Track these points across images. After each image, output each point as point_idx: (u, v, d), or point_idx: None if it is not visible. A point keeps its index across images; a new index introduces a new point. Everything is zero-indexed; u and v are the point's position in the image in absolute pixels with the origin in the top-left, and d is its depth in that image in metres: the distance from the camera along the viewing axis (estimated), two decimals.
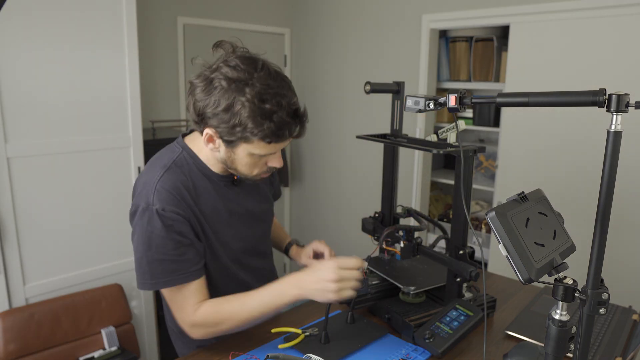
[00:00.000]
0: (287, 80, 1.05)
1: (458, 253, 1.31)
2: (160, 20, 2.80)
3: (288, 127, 1.01)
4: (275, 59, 3.53)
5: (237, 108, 0.97)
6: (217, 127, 1.01)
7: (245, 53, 1.04)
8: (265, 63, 1.02)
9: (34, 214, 1.91)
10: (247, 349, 1.20)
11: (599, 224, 0.75)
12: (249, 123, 0.97)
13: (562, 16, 2.29)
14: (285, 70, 3.60)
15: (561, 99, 0.78)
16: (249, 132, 0.99)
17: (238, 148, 1.05)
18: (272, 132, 0.99)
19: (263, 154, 1.06)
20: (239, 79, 0.97)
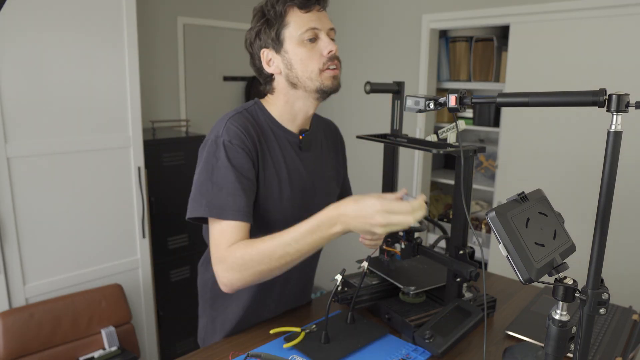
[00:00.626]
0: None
1: (458, 253, 1.31)
2: (160, 20, 2.80)
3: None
4: None
5: (263, 3, 1.12)
6: (261, 38, 1.13)
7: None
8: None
9: (34, 214, 1.91)
10: (247, 349, 1.20)
11: (599, 224, 0.75)
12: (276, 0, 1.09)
13: (562, 16, 2.29)
14: None
15: (561, 99, 0.78)
16: (277, 6, 1.09)
17: (285, 42, 1.12)
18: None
19: (307, 34, 1.10)
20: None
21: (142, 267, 2.29)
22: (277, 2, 1.10)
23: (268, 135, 1.17)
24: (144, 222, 2.25)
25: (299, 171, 1.22)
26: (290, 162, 1.20)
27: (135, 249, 2.26)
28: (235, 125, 1.11)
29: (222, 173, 1.07)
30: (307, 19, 1.10)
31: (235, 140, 1.09)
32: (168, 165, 2.48)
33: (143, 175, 2.22)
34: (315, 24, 1.11)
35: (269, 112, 1.20)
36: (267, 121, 1.19)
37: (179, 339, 2.66)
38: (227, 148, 1.08)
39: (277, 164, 1.17)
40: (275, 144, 1.18)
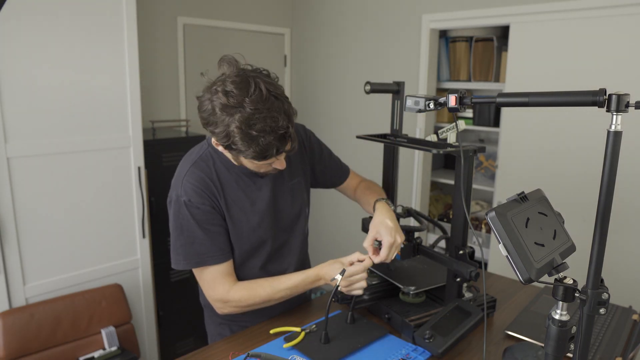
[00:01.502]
0: (281, 97, 1.10)
1: (458, 253, 1.31)
2: (160, 20, 2.80)
3: (275, 148, 1.09)
4: (275, 59, 3.53)
5: (229, 130, 1.06)
6: (220, 140, 1.11)
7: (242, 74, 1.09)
8: (258, 85, 1.07)
9: (34, 214, 1.91)
10: (247, 349, 1.20)
11: (599, 224, 0.75)
12: (240, 144, 1.08)
13: (562, 16, 2.29)
14: (285, 70, 3.60)
15: (561, 99, 0.78)
16: (241, 152, 1.10)
17: (239, 156, 1.16)
18: (258, 154, 1.09)
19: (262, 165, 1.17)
20: (232, 105, 1.05)
21: (142, 267, 2.29)
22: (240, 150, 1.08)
23: (223, 174, 1.25)
24: (144, 222, 2.25)
25: (260, 196, 1.30)
26: (250, 192, 1.28)
27: (135, 249, 2.26)
28: (191, 183, 1.21)
29: (190, 228, 1.21)
30: (265, 164, 1.17)
31: (194, 198, 1.20)
32: (168, 165, 2.48)
33: (143, 175, 2.22)
34: (272, 162, 1.16)
35: (222, 153, 1.25)
36: (221, 161, 1.26)
37: (179, 339, 2.67)
38: (188, 207, 1.20)
39: (238, 199, 1.26)
40: (232, 180, 1.26)
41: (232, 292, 1.24)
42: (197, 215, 1.20)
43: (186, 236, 1.21)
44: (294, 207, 1.37)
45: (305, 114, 3.61)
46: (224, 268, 1.25)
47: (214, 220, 1.23)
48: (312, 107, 3.55)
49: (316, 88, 3.49)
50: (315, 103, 3.52)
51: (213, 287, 1.25)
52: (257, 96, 1.05)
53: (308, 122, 3.60)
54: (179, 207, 1.21)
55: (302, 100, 3.62)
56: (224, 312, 1.27)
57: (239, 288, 1.25)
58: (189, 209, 1.20)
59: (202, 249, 1.21)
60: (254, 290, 1.24)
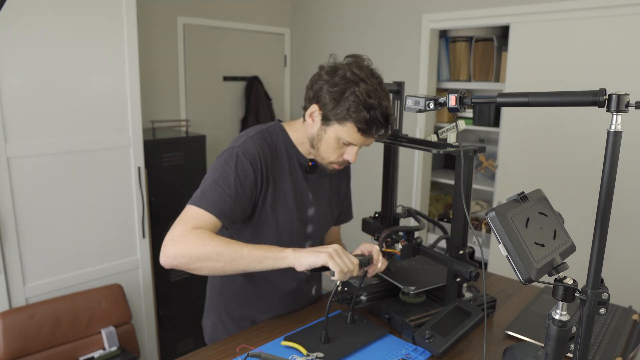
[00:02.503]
0: (389, 94, 1.24)
1: (458, 253, 1.31)
2: (160, 20, 2.80)
3: (377, 125, 1.18)
4: (275, 59, 3.53)
5: (348, 94, 1.16)
6: (324, 105, 1.19)
7: (370, 64, 1.25)
8: (380, 76, 1.24)
9: (34, 214, 1.91)
10: (247, 349, 1.20)
11: (599, 224, 0.75)
12: (352, 107, 1.15)
13: (562, 16, 2.29)
14: (285, 70, 3.60)
15: (561, 99, 0.78)
16: (348, 114, 1.16)
17: (331, 128, 1.20)
18: (365, 121, 1.16)
19: (347, 142, 1.21)
20: (359, 75, 1.18)
21: (142, 267, 2.29)
22: (349, 110, 1.15)
23: (282, 154, 1.28)
24: (144, 222, 2.25)
25: (302, 188, 1.32)
26: (296, 179, 1.31)
27: (135, 249, 2.26)
28: (252, 143, 1.22)
29: (226, 175, 1.18)
30: (357, 138, 1.20)
31: (248, 155, 1.20)
32: (168, 165, 2.48)
33: (143, 175, 2.22)
34: (359, 142, 1.22)
35: (288, 135, 1.31)
36: (284, 142, 1.30)
37: (179, 339, 2.66)
38: (238, 158, 1.20)
39: (284, 181, 1.28)
40: (286, 162, 1.29)
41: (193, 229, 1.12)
42: (242, 169, 1.19)
43: (216, 179, 1.18)
44: (324, 216, 1.40)
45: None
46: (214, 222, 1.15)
47: (248, 186, 1.20)
48: None
49: None
50: None
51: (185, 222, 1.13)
52: (377, 81, 1.21)
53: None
54: (229, 155, 1.20)
55: (302, 100, 3.61)
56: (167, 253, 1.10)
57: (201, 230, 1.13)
58: (238, 160, 1.19)
59: (220, 199, 1.15)
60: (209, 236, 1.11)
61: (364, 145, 1.24)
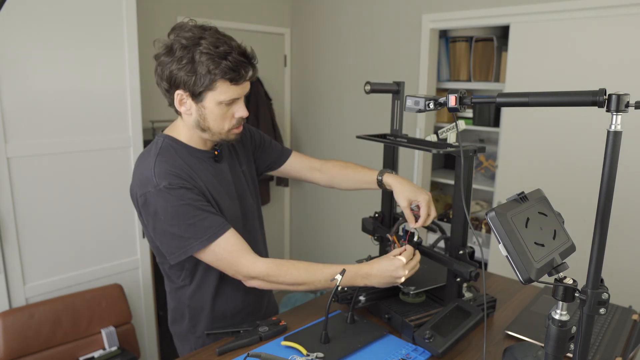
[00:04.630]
0: (231, 37, 1.18)
1: (458, 253, 1.31)
2: (160, 20, 2.80)
3: (243, 66, 1.14)
4: (275, 59, 3.53)
5: (197, 57, 1.10)
6: (185, 83, 1.13)
7: (195, 23, 1.17)
8: (213, 27, 1.16)
9: (34, 214, 1.91)
10: (247, 349, 1.20)
11: (599, 224, 0.75)
12: (210, 65, 1.10)
13: (562, 16, 2.29)
14: (285, 70, 3.60)
15: (561, 99, 0.78)
16: (212, 73, 1.11)
17: (206, 100, 1.15)
18: (231, 69, 1.12)
19: (228, 100, 1.16)
20: (194, 37, 1.12)
21: (142, 267, 2.29)
22: (210, 70, 1.11)
23: (191, 162, 1.23)
24: None
25: (226, 180, 1.30)
26: (215, 173, 1.27)
27: (135, 249, 2.26)
28: (164, 169, 1.16)
29: (183, 210, 1.13)
30: (234, 90, 1.16)
31: (173, 180, 1.14)
32: None
33: None
34: (238, 94, 1.18)
35: (180, 141, 1.25)
36: (184, 150, 1.24)
37: None
38: (170, 191, 1.13)
39: (208, 182, 1.23)
40: (199, 167, 1.24)
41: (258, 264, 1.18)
42: (184, 195, 1.13)
43: (183, 220, 1.12)
44: (250, 190, 1.39)
45: (305, 114, 3.62)
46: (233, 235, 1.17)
47: (201, 199, 1.16)
48: (312, 107, 3.55)
49: (316, 88, 3.49)
50: (315, 103, 3.52)
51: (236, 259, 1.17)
52: (213, 31, 1.15)
53: (308, 122, 3.60)
54: (162, 195, 1.12)
55: (302, 100, 3.62)
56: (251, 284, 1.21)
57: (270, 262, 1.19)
58: (173, 192, 1.12)
59: (206, 223, 1.14)
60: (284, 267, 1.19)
61: (244, 95, 1.21)
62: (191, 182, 1.17)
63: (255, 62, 1.19)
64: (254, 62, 1.19)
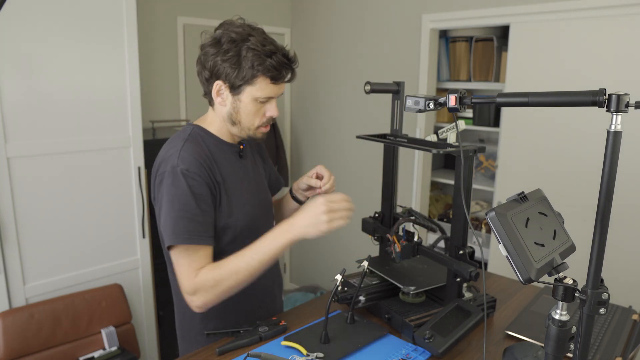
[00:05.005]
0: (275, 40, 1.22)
1: (458, 253, 1.31)
2: (160, 20, 2.80)
3: (284, 67, 1.18)
4: None
5: (243, 52, 1.15)
6: (227, 75, 1.16)
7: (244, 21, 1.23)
8: (260, 28, 1.21)
9: (34, 214, 1.91)
10: (247, 349, 1.20)
11: (599, 224, 0.75)
12: (255, 61, 1.14)
13: (562, 16, 2.29)
14: None
15: (561, 99, 0.78)
16: (255, 69, 1.15)
17: (243, 93, 1.18)
18: (274, 67, 1.15)
19: (264, 98, 1.19)
20: (243, 33, 1.16)
21: (142, 267, 2.29)
22: (254, 65, 1.14)
23: (216, 153, 1.25)
24: (144, 222, 2.25)
25: (248, 176, 1.33)
26: (239, 170, 1.30)
27: (135, 249, 2.26)
28: (189, 154, 1.17)
29: (184, 200, 1.14)
30: (272, 89, 1.19)
31: (193, 167, 1.16)
32: None
33: (143, 175, 2.22)
34: (275, 93, 1.21)
35: (209, 132, 1.27)
36: (212, 140, 1.27)
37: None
38: (185, 177, 1.14)
39: (231, 176, 1.26)
40: (223, 159, 1.26)
41: (199, 274, 1.13)
42: (195, 186, 1.14)
43: (178, 209, 1.13)
44: (268, 192, 1.43)
45: (305, 114, 3.62)
46: (205, 253, 1.16)
47: (207, 199, 1.17)
48: (312, 107, 3.55)
49: (316, 88, 3.49)
50: (315, 103, 3.52)
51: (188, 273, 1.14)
52: (261, 31, 1.20)
53: (308, 122, 3.60)
54: (175, 177, 1.14)
55: (302, 100, 3.62)
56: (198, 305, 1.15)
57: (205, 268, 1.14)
58: (186, 178, 1.14)
59: (192, 225, 1.13)
60: (217, 265, 1.14)
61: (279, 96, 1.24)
62: (209, 176, 1.19)
63: (296, 67, 1.22)
64: (295, 66, 1.22)
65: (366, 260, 1.31)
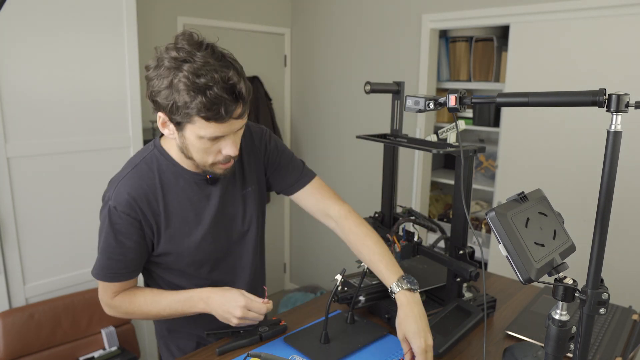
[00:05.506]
0: (236, 63, 1.02)
1: (458, 253, 1.31)
2: (160, 20, 2.80)
3: (224, 104, 0.97)
4: (275, 59, 3.53)
5: (175, 83, 0.96)
6: (165, 107, 1.00)
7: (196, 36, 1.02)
8: (212, 45, 1.01)
9: (34, 214, 1.91)
10: (247, 349, 1.20)
11: (599, 224, 0.75)
12: (185, 97, 0.96)
13: (562, 16, 2.29)
14: (285, 70, 3.60)
15: (561, 99, 0.78)
16: (186, 107, 0.97)
17: (186, 130, 1.03)
18: (206, 107, 0.96)
19: (210, 137, 1.02)
20: (180, 58, 0.97)
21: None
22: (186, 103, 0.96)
23: (168, 182, 1.15)
24: None
25: (207, 206, 1.19)
26: (196, 201, 1.18)
27: None
28: (126, 189, 1.11)
29: (105, 238, 1.13)
30: (215, 128, 1.00)
31: (122, 206, 1.10)
32: None
33: None
34: (223, 132, 1.02)
35: (169, 156, 1.15)
36: (168, 166, 1.15)
37: None
38: (111, 215, 1.11)
39: (181, 209, 1.16)
40: (177, 189, 1.15)
41: (115, 299, 1.19)
42: (118, 225, 1.10)
43: (101, 245, 1.14)
44: (245, 217, 1.26)
45: (305, 114, 3.62)
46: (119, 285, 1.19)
47: (133, 236, 1.12)
48: (312, 107, 3.55)
49: (316, 88, 3.49)
50: (315, 103, 3.52)
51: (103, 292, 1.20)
52: (208, 52, 0.98)
53: (308, 123, 3.60)
54: (104, 209, 1.13)
55: (302, 100, 3.62)
56: (110, 315, 1.24)
57: (121, 296, 1.19)
58: (112, 217, 1.10)
59: (108, 263, 1.14)
60: (134, 297, 1.19)
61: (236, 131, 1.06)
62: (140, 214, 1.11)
63: (247, 98, 1.01)
64: (244, 99, 1.00)
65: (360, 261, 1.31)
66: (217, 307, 1.13)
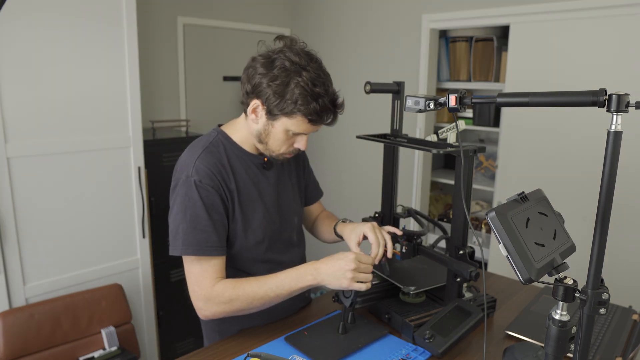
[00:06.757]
0: (329, 75, 1.20)
1: (458, 253, 1.31)
2: (160, 20, 2.80)
3: (327, 113, 1.16)
4: None
5: (291, 86, 1.12)
6: (267, 99, 1.14)
7: (304, 47, 1.19)
8: (318, 58, 1.19)
9: (34, 214, 1.91)
10: (247, 349, 1.20)
11: (599, 224, 0.75)
12: (300, 100, 1.11)
13: (562, 16, 2.29)
14: None
15: (561, 99, 0.78)
16: (297, 107, 1.12)
17: (278, 121, 1.17)
18: (316, 112, 1.13)
19: (297, 132, 1.18)
20: (299, 64, 1.13)
21: (142, 267, 2.29)
22: (297, 103, 1.12)
23: (234, 162, 1.25)
24: (144, 222, 2.25)
25: (267, 189, 1.31)
26: (258, 182, 1.29)
27: (135, 249, 2.26)
28: (204, 164, 1.19)
29: (195, 211, 1.17)
30: (307, 127, 1.18)
31: (205, 179, 1.17)
32: (168, 165, 2.48)
33: (143, 175, 2.22)
34: (309, 131, 1.20)
35: (232, 140, 1.27)
36: (232, 149, 1.26)
37: (179, 339, 2.66)
38: (198, 187, 1.17)
39: (247, 187, 1.26)
40: (242, 169, 1.26)
41: (217, 285, 1.17)
42: (206, 197, 1.17)
43: (189, 220, 1.16)
44: (295, 203, 1.40)
45: None
46: (217, 263, 1.19)
47: (219, 208, 1.19)
48: None
49: None
50: None
51: (200, 281, 1.17)
52: (318, 65, 1.16)
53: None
54: (188, 187, 1.17)
55: None
56: (206, 314, 1.19)
57: (225, 281, 1.18)
58: (199, 189, 1.16)
59: (203, 236, 1.16)
60: (238, 282, 1.17)
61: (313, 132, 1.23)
62: (222, 188, 1.20)
63: (340, 113, 1.20)
64: (339, 113, 1.20)
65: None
66: (328, 270, 1.15)
